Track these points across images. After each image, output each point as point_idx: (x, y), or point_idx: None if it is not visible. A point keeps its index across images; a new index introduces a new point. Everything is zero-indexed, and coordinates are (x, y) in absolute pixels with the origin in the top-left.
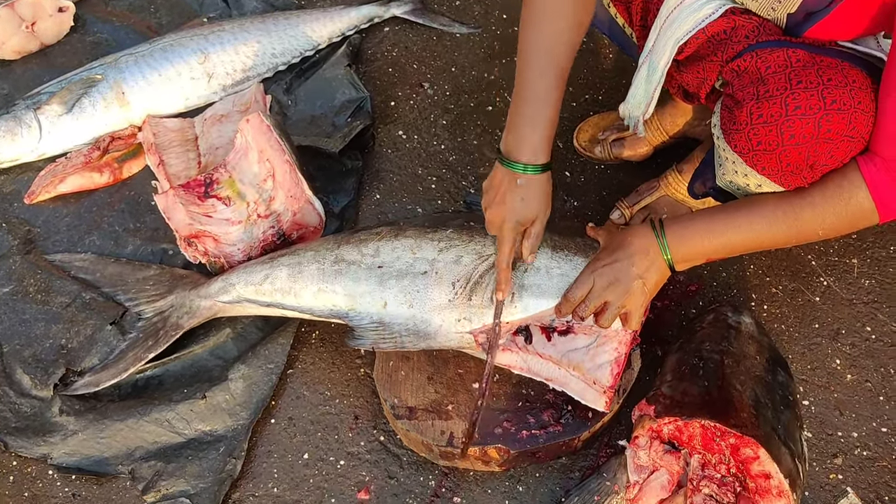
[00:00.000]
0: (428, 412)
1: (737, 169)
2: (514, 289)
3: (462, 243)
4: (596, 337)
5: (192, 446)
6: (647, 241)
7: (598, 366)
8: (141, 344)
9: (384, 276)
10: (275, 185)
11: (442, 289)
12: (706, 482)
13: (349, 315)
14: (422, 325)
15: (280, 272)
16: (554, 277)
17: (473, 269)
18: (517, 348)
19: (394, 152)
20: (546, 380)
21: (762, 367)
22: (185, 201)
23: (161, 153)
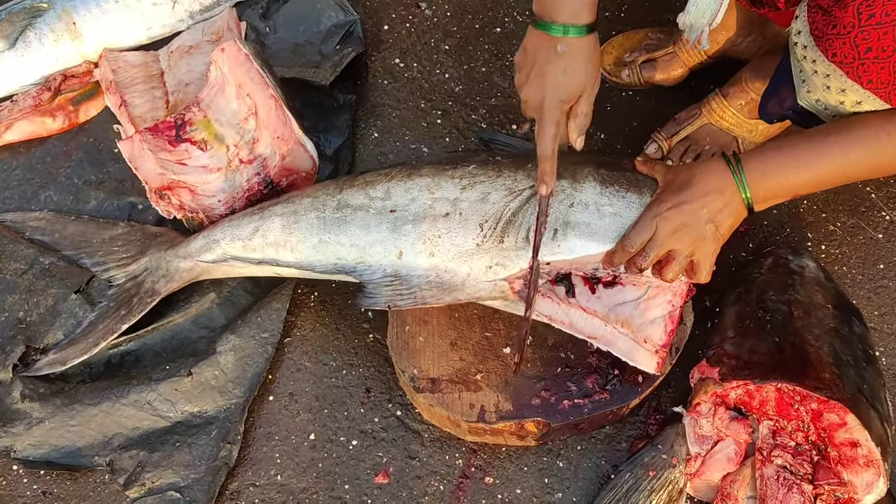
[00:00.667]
0: (453, 383)
1: (829, 84)
2: (557, 225)
3: (488, 179)
4: (646, 289)
5: (179, 431)
6: (722, 179)
7: (649, 321)
8: (112, 314)
9: (398, 221)
10: (258, 124)
11: (468, 232)
12: (779, 451)
13: (358, 269)
14: (446, 276)
15: (272, 223)
16: (605, 217)
17: (504, 207)
18: (558, 299)
19: (391, 84)
20: (589, 338)
21: (836, 317)
22: (154, 147)
23: (122, 92)
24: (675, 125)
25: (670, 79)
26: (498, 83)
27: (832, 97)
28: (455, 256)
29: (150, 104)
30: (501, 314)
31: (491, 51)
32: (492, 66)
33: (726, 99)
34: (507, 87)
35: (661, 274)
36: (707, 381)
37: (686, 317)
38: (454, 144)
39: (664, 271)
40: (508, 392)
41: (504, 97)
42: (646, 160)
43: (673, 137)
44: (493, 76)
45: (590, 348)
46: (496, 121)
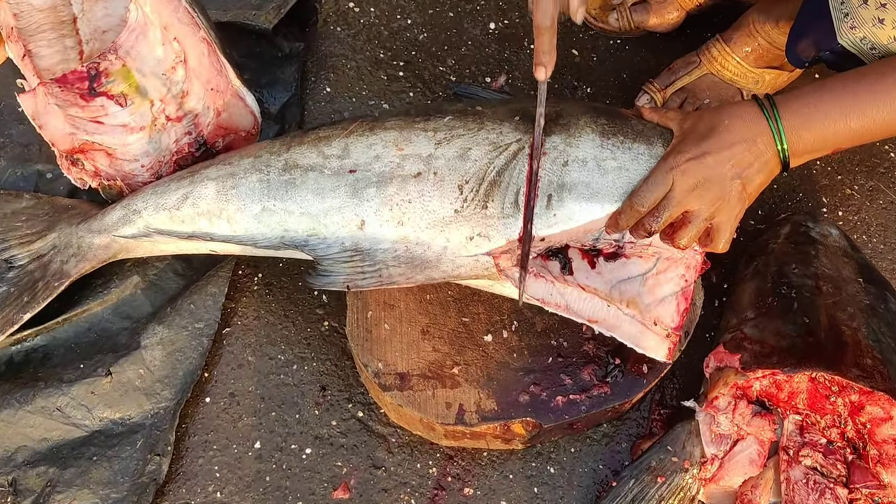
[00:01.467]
0: (426, 378)
1: (884, 16)
2: (550, 189)
3: (468, 132)
4: (655, 261)
5: (96, 442)
6: (754, 126)
7: (658, 300)
8: (13, 302)
9: (359, 183)
10: (188, 73)
11: (444, 195)
12: (807, 451)
13: (310, 243)
14: (418, 250)
15: (205, 189)
16: (609, 173)
17: (488, 165)
18: (551, 277)
19: (345, 31)
20: (590, 321)
21: (869, 292)
22: (63, 102)
23: (26, 40)
24: (670, 74)
25: (664, 24)
26: (468, 30)
27: (885, 33)
28: (429, 225)
29: (60, 55)
30: (481, 296)
31: None
32: (461, 11)
33: (729, 45)
34: (478, 34)
35: (672, 239)
36: (726, 371)
37: (696, 295)
38: (419, 100)
39: (677, 236)
40: (492, 387)
41: (476, 46)
42: (653, 108)
43: (668, 88)
44: (463, 22)
45: (585, 333)
46: (467, 73)
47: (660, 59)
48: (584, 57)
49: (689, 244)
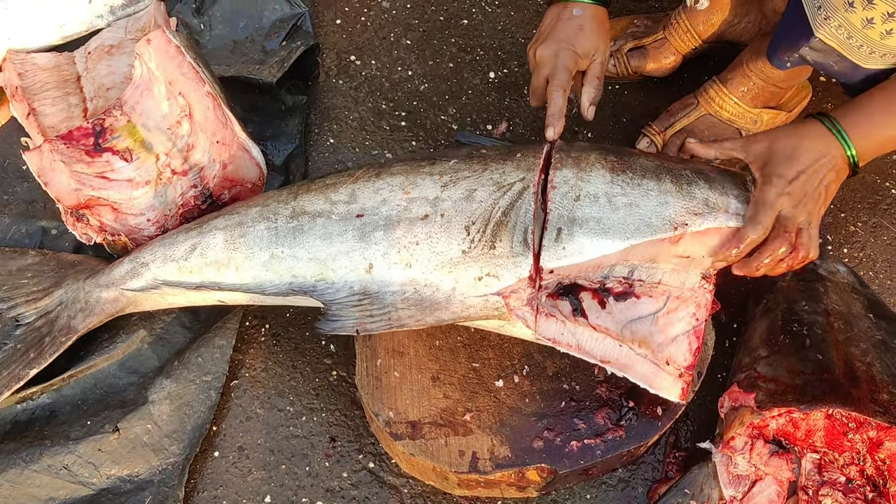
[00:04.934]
0: (438, 426)
1: (876, 13)
2: (561, 223)
3: (473, 174)
4: (665, 300)
5: (104, 501)
6: (828, 142)
7: (670, 339)
8: (19, 358)
9: (366, 227)
10: (193, 127)
11: (452, 237)
12: (827, 489)
13: (318, 288)
14: (427, 292)
15: (213, 239)
16: (619, 209)
17: (493, 205)
18: (562, 317)
19: (347, 83)
20: (602, 362)
21: (880, 328)
22: (69, 158)
23: (31, 99)
24: (669, 117)
25: (661, 68)
26: (468, 79)
27: (857, 15)
28: (437, 267)
29: (64, 112)
30: (490, 341)
31: (458, 44)
32: (460, 62)
33: (726, 86)
34: (478, 83)
35: (798, 251)
36: (742, 411)
37: (707, 335)
38: (422, 149)
39: (801, 247)
40: (505, 434)
41: (476, 95)
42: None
43: (667, 130)
44: (463, 72)
45: (598, 376)
46: (468, 121)
47: (658, 103)
48: None
49: (816, 251)
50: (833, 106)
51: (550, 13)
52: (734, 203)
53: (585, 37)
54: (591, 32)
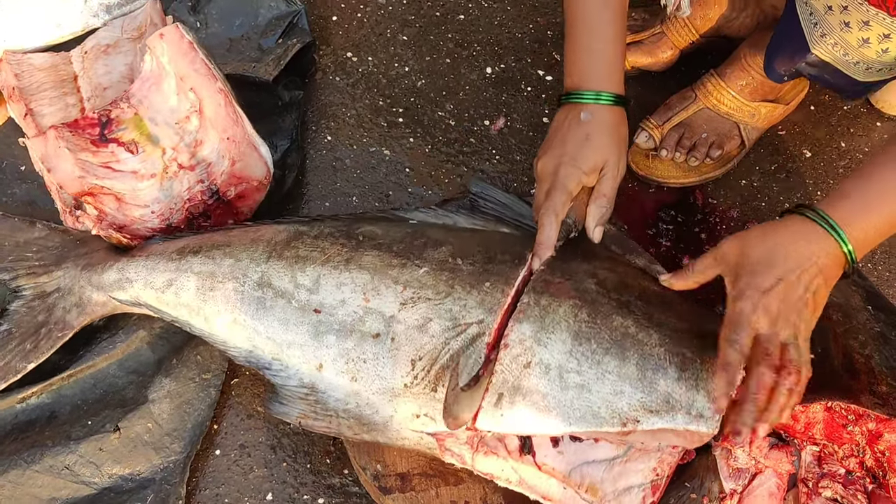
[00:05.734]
0: (428, 477)
1: (849, 19)
2: (504, 388)
3: (436, 297)
4: (626, 449)
5: (106, 500)
6: (812, 241)
7: (622, 489)
8: (15, 348)
9: (321, 326)
10: (202, 123)
11: (397, 366)
12: (827, 481)
13: (272, 368)
14: (367, 411)
15: (188, 282)
16: (569, 389)
17: (444, 345)
18: (506, 453)
19: (344, 80)
20: (543, 498)
21: (879, 320)
22: (74, 146)
23: (28, 100)
24: (666, 111)
25: (658, 62)
26: (465, 75)
27: (853, 35)
28: (379, 391)
29: (62, 112)
30: None
31: (455, 40)
32: (457, 57)
33: (724, 79)
34: (475, 78)
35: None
36: None
37: None
38: (419, 145)
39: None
40: None
41: (473, 90)
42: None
43: (665, 124)
44: (460, 67)
45: None
46: (466, 116)
47: (656, 97)
48: None
49: (808, 366)
50: (830, 98)
51: (559, 115)
52: (700, 402)
53: (592, 149)
54: (599, 143)
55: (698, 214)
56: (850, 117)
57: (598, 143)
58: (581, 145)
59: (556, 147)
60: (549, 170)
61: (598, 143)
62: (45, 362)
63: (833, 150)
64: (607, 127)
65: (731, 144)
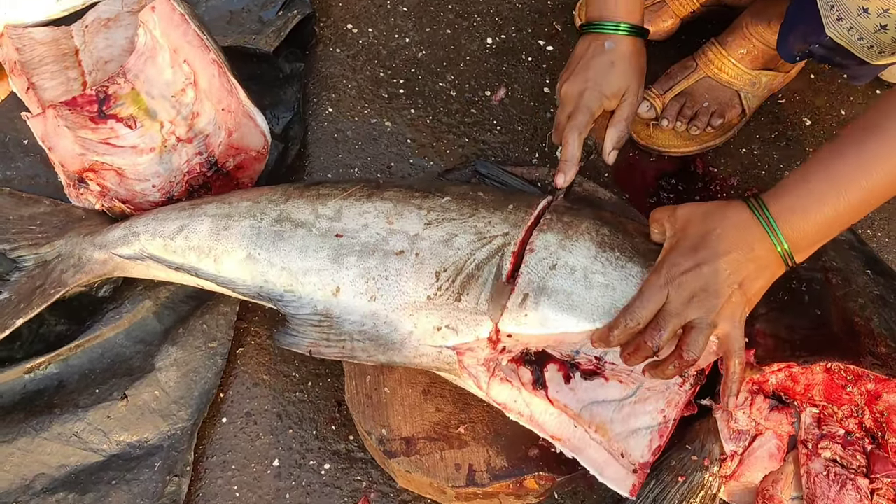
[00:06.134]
0: (432, 441)
1: (867, 5)
2: (529, 289)
3: (460, 217)
4: (636, 388)
5: (115, 466)
6: (748, 233)
7: (631, 430)
8: (12, 309)
9: (342, 248)
10: (198, 95)
11: (421, 279)
12: (826, 443)
13: (284, 299)
14: (384, 330)
15: (200, 224)
16: (594, 288)
17: (469, 256)
18: (519, 384)
19: (344, 52)
20: (552, 438)
21: (879, 283)
22: (73, 124)
23: (30, 74)
24: (668, 80)
25: (659, 32)
26: (466, 45)
27: (871, 21)
28: (399, 307)
29: (63, 86)
30: None
31: (455, 10)
32: (457, 28)
33: (725, 48)
34: (475, 49)
35: (682, 351)
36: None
37: None
38: (420, 116)
39: (684, 349)
40: (500, 444)
41: (474, 61)
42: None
43: (666, 94)
44: (461, 38)
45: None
46: (467, 87)
47: (657, 66)
48: None
49: (699, 354)
50: (830, 68)
51: (581, 44)
52: None
53: (616, 75)
54: (622, 70)
55: (699, 183)
56: (850, 85)
57: (622, 69)
58: (606, 72)
59: (580, 73)
60: (573, 93)
61: (622, 69)
62: (51, 333)
63: (833, 118)
64: (629, 56)
65: (732, 113)
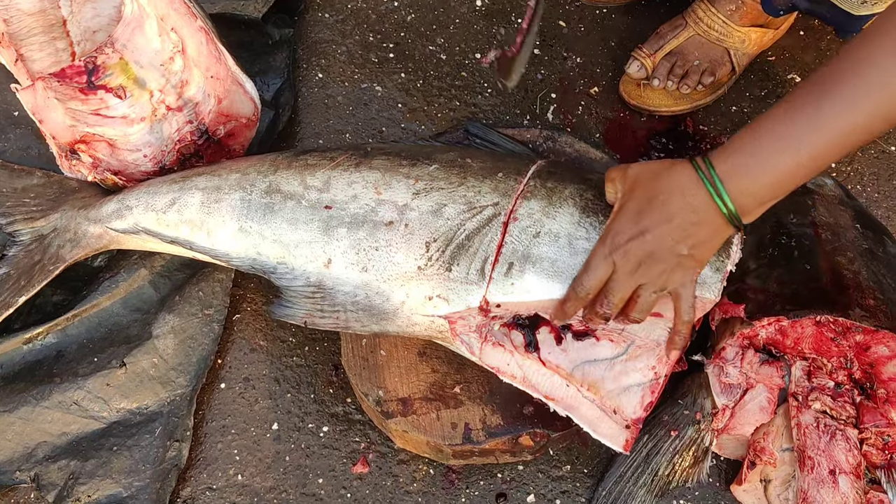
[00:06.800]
0: (428, 401)
1: None
2: (514, 258)
3: (448, 186)
4: (627, 347)
5: (115, 433)
6: (693, 196)
7: (623, 388)
8: (11, 286)
9: (332, 220)
10: (186, 62)
11: (411, 250)
12: (816, 395)
13: (278, 271)
14: (377, 300)
15: (192, 198)
16: (578, 254)
17: (459, 226)
18: (511, 347)
19: (333, 17)
20: (546, 398)
21: (867, 237)
22: (63, 96)
23: (18, 45)
24: (658, 39)
25: None
26: (455, 8)
27: None
28: (391, 277)
29: (52, 57)
30: None
31: None
32: None
33: (714, 5)
34: (465, 11)
35: (626, 317)
36: (732, 322)
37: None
38: (410, 80)
39: (631, 313)
40: (495, 402)
41: (463, 23)
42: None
43: (657, 53)
44: (450, 0)
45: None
46: (457, 50)
47: (647, 26)
48: (572, 27)
49: (644, 317)
50: (819, 23)
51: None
52: (705, 270)
53: None
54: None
55: (689, 142)
56: (838, 42)
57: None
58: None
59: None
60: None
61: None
62: (48, 304)
63: None
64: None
65: (722, 71)
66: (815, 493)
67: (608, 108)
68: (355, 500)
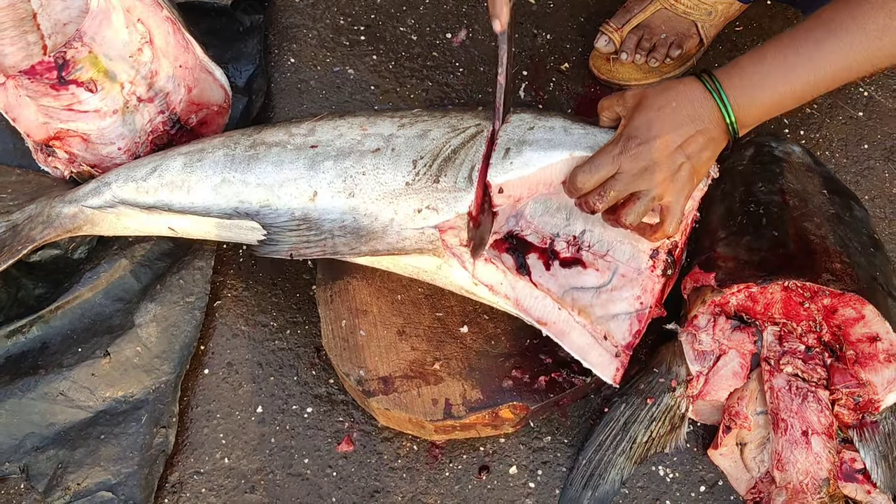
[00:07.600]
0: (409, 378)
1: None
2: (510, 144)
3: (432, 118)
4: (611, 276)
5: (102, 421)
6: (701, 105)
7: (611, 315)
8: None
9: (318, 157)
10: (154, 53)
11: (398, 168)
12: (788, 358)
13: (261, 213)
14: (365, 221)
15: (173, 162)
16: (573, 133)
17: (444, 144)
18: (504, 268)
19: (303, 1)
20: (539, 322)
21: (834, 202)
22: (34, 93)
23: None
24: (625, 13)
25: None
26: None
27: None
28: (379, 197)
29: (23, 51)
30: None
31: None
32: None
33: None
34: None
35: (617, 217)
36: (703, 290)
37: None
38: (382, 62)
39: (622, 214)
40: (475, 378)
41: (434, 4)
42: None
43: (624, 27)
44: None
45: None
46: (427, 30)
47: (615, 0)
48: (541, 4)
49: (634, 222)
50: None
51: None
52: None
53: None
54: None
55: None
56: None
57: None
58: None
59: None
60: None
61: None
62: (29, 297)
63: None
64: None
65: (690, 43)
66: (789, 454)
67: (579, 84)
68: (341, 479)
